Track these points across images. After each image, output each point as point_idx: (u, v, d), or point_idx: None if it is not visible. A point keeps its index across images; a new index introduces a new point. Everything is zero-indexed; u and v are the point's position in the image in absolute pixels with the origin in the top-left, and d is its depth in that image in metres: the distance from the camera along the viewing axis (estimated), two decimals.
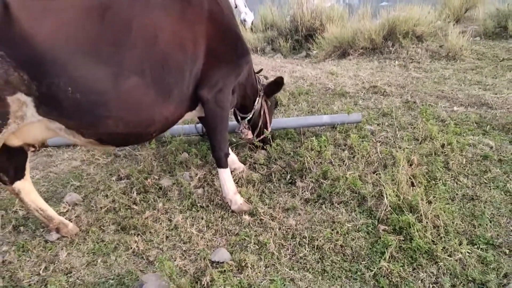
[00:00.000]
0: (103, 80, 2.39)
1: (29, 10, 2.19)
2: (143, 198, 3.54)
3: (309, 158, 3.74)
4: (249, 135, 3.96)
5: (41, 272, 2.78)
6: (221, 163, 3.28)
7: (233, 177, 3.48)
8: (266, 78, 4.08)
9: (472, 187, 3.34)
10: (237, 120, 4.04)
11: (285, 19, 8.70)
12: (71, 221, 3.21)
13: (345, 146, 4.08)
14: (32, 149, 2.82)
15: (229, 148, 3.47)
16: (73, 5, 2.33)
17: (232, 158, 3.78)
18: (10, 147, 2.59)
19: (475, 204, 3.13)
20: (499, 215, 3.01)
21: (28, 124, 2.45)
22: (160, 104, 2.70)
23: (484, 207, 3.08)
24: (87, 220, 3.28)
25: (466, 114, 4.52)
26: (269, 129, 4.05)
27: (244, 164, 3.92)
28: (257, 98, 3.81)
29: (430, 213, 2.91)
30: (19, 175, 2.81)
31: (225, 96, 3.11)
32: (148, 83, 2.57)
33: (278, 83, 3.88)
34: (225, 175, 3.31)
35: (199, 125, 4.35)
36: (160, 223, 3.20)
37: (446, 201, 3.14)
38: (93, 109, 2.43)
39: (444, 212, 2.96)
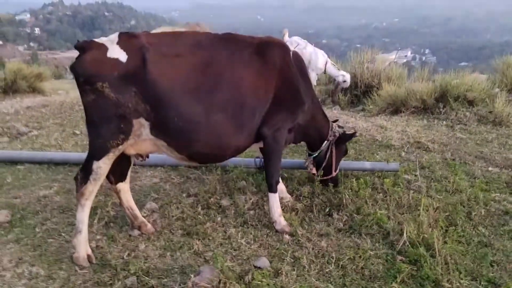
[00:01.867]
0: (199, 114, 3.44)
1: (158, 63, 3.32)
2: (206, 212, 4.35)
3: (347, 196, 4.40)
4: (313, 170, 4.67)
5: (124, 256, 3.62)
6: (272, 188, 4.05)
7: (280, 205, 4.22)
8: (341, 127, 4.67)
9: (488, 236, 3.80)
10: (309, 154, 4.73)
11: None
12: (149, 223, 4.09)
13: (381, 189, 4.67)
14: (140, 158, 3.84)
15: (280, 179, 4.27)
16: (186, 62, 3.46)
17: (281, 188, 4.54)
18: (122, 155, 3.59)
19: (487, 251, 3.58)
20: (507, 262, 3.44)
21: (142, 140, 3.49)
22: (235, 135, 3.67)
23: (494, 254, 3.53)
24: (161, 224, 4.13)
25: (498, 175, 4.94)
26: (334, 172, 4.61)
27: (291, 195, 4.64)
28: (325, 142, 4.50)
29: (444, 251, 3.42)
30: (123, 178, 3.80)
31: (281, 135, 3.94)
32: (229, 118, 3.57)
33: (349, 135, 4.59)
34: (274, 199, 4.07)
35: (258, 159, 5.18)
36: (217, 233, 3.96)
37: (461, 244, 3.63)
38: (190, 134, 3.47)
39: (456, 252, 3.47)
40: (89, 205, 3.52)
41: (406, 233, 3.64)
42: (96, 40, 3.42)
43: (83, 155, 5.58)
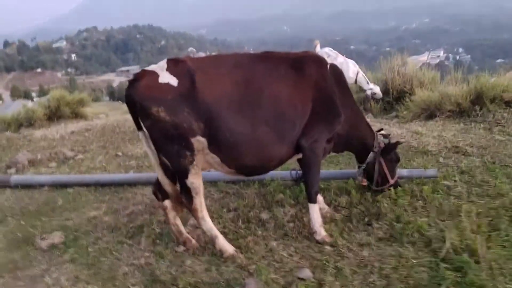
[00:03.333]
0: (246, 128, 3.69)
1: (206, 84, 3.60)
2: (247, 226, 4.47)
3: (385, 204, 4.42)
4: (364, 182, 4.75)
5: (172, 272, 3.79)
6: (311, 198, 4.16)
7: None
8: (386, 136, 4.71)
9: None
10: (358, 166, 4.82)
11: (378, 82, 9.50)
12: (194, 239, 4.26)
13: (420, 197, 4.65)
14: None
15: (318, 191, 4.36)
16: (230, 81, 3.73)
17: (319, 199, 4.61)
18: (168, 173, 3.80)
19: None
20: None
21: (204, 155, 3.76)
22: (278, 146, 3.88)
23: None
24: (205, 239, 4.27)
25: None
26: (392, 181, 4.64)
27: (329, 206, 4.70)
28: (371, 153, 4.58)
29: (488, 257, 3.39)
30: (169, 195, 3.99)
31: (318, 146, 4.07)
32: (271, 130, 3.79)
33: (393, 144, 4.59)
34: (314, 209, 4.16)
35: (294, 172, 5.28)
36: (259, 246, 4.07)
37: (505, 249, 3.58)
38: (239, 147, 3.72)
39: (501, 257, 3.43)
40: (206, 214, 3.91)
41: (449, 240, 3.62)
42: (147, 68, 3.75)
43: (127, 176, 6.00)
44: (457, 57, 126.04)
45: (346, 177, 5.29)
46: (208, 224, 3.91)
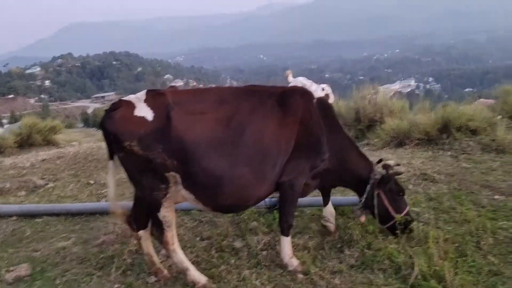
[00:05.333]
0: (223, 168, 3.55)
1: (182, 121, 3.49)
2: (220, 255, 4.43)
3: (357, 231, 4.48)
4: (362, 218, 4.42)
5: None
6: (284, 232, 4.10)
7: (292, 244, 4.31)
8: (388, 166, 4.33)
9: (498, 264, 3.83)
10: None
11: (350, 111, 9.76)
12: (166, 269, 4.19)
13: None
14: None
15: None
16: (210, 118, 3.61)
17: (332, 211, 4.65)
18: (143, 204, 3.76)
19: (497, 279, 3.62)
20: None
21: (179, 190, 3.66)
22: (257, 186, 3.77)
23: (505, 282, 3.57)
24: (177, 269, 4.24)
25: (505, 202, 5.01)
26: (396, 217, 4.22)
27: (301, 233, 4.72)
28: (368, 185, 4.27)
29: (455, 283, 3.48)
30: (144, 225, 3.95)
31: (298, 182, 3.98)
32: (251, 171, 3.66)
33: (390, 175, 4.25)
34: (286, 242, 4.11)
35: (267, 199, 5.31)
36: (232, 275, 4.03)
37: (471, 275, 3.68)
38: (214, 187, 3.59)
39: (467, 283, 3.52)
40: (178, 246, 3.85)
41: (417, 267, 3.70)
42: (125, 98, 3.70)
43: (98, 205, 5.89)
44: (427, 86, 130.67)
45: (319, 204, 5.35)
46: (179, 256, 3.84)
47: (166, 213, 3.68)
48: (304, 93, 4.15)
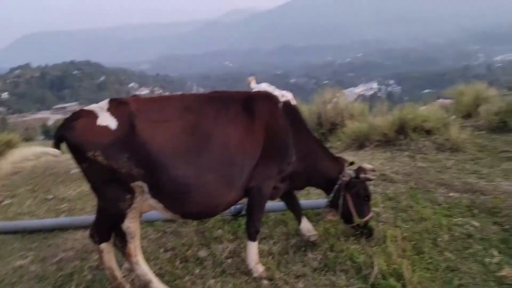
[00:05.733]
0: (190, 175, 3.52)
1: (147, 129, 3.42)
2: (184, 266, 4.39)
3: (320, 233, 4.56)
4: (329, 216, 4.51)
5: None
6: (251, 237, 4.10)
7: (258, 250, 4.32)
8: (361, 170, 4.36)
9: (454, 260, 3.99)
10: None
11: (312, 115, 9.93)
12: (129, 283, 4.10)
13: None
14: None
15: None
16: (175, 126, 3.56)
17: (308, 226, 4.62)
18: (109, 216, 3.68)
19: (454, 275, 3.77)
20: (473, 284, 3.63)
21: (146, 200, 3.59)
22: (226, 192, 3.74)
23: (461, 277, 3.72)
24: (139, 283, 4.16)
25: (459, 199, 5.23)
26: (359, 219, 4.34)
27: (266, 238, 4.74)
28: (336, 186, 4.35)
29: (414, 280, 3.59)
30: (107, 238, 3.82)
31: (265, 187, 3.99)
32: (219, 177, 3.64)
33: (359, 180, 4.32)
34: (252, 248, 4.11)
35: (232, 207, 5.31)
36: (196, 286, 4.00)
37: (429, 271, 3.81)
38: (182, 195, 3.55)
39: (425, 280, 3.65)
40: (141, 258, 3.78)
41: (377, 266, 3.80)
42: (86, 108, 3.56)
43: (57, 221, 5.70)
44: (389, 89, 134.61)
45: (284, 209, 5.40)
46: (143, 268, 3.77)
47: (130, 224, 3.60)
48: (268, 97, 4.18)
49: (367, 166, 4.43)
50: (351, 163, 4.52)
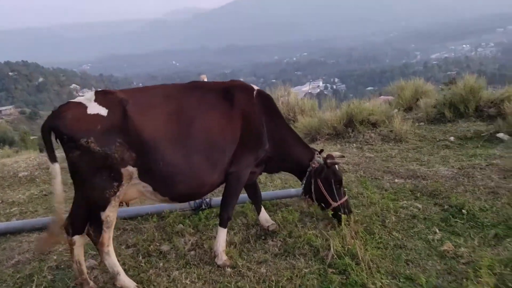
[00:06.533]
0: (179, 157, 3.73)
1: (138, 113, 3.59)
2: (147, 260, 4.43)
3: (279, 222, 4.78)
4: (309, 202, 4.78)
5: None
6: (223, 222, 4.29)
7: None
8: (330, 157, 4.56)
9: (402, 239, 4.37)
10: None
11: None
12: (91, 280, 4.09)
13: (308, 212, 5.14)
14: (124, 204, 4.02)
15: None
16: (162, 111, 3.76)
17: (266, 216, 4.86)
18: (91, 205, 3.68)
19: (402, 251, 4.13)
20: (419, 259, 4.00)
21: (129, 186, 3.69)
22: (210, 173, 3.97)
23: (408, 253, 4.09)
24: (103, 279, 4.15)
25: (404, 185, 5.69)
26: (334, 203, 4.52)
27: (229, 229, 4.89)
28: (307, 172, 4.62)
29: (366, 258, 3.90)
30: (81, 230, 3.81)
31: (243, 174, 4.22)
32: (203, 159, 3.88)
33: (326, 165, 4.53)
34: (222, 233, 4.28)
35: (192, 202, 5.41)
36: (161, 278, 4.07)
37: (380, 250, 4.15)
38: (172, 176, 3.74)
39: (377, 257, 3.97)
40: (112, 250, 3.80)
41: (333, 247, 4.08)
42: (73, 100, 3.65)
43: (9, 224, 5.50)
44: (334, 87, 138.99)
45: (243, 201, 5.58)
46: (112, 259, 3.81)
47: (111, 213, 3.67)
48: (245, 86, 4.43)
49: (336, 154, 4.72)
50: (321, 151, 4.84)
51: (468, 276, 3.55)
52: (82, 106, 3.52)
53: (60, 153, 3.56)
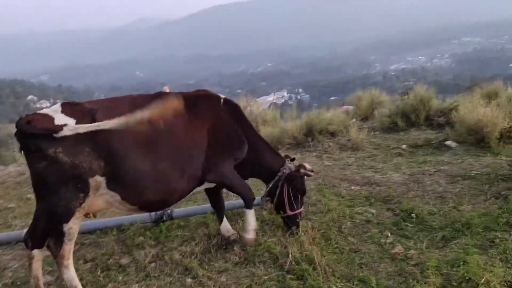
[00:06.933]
0: (148, 165, 3.80)
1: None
2: (106, 274, 4.38)
3: (240, 231, 4.87)
4: (268, 205, 5.01)
5: None
6: (249, 205, 4.58)
7: (179, 252, 4.49)
8: (301, 166, 4.76)
9: (356, 243, 4.55)
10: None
11: None
12: None
13: (268, 220, 5.25)
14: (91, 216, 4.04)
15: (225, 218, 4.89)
16: None
17: (227, 227, 4.92)
18: (54, 218, 3.63)
19: (356, 255, 4.31)
20: (372, 262, 4.19)
21: (96, 198, 3.71)
22: (178, 180, 4.07)
23: (362, 257, 4.28)
24: None
25: (359, 191, 5.93)
26: (289, 211, 4.71)
27: (190, 241, 4.93)
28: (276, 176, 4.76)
29: (323, 263, 4.05)
30: (41, 244, 3.75)
31: (226, 171, 4.40)
32: (172, 166, 3.98)
33: (298, 174, 4.72)
34: (250, 214, 4.60)
35: (153, 213, 5.40)
36: None
37: (336, 254, 4.32)
38: (140, 183, 3.80)
39: (332, 262, 4.13)
40: (71, 263, 3.79)
41: (291, 254, 4.21)
42: (40, 112, 3.67)
43: None
44: (299, 97, 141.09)
45: (204, 212, 5.63)
46: (71, 273, 3.79)
47: (74, 225, 3.66)
48: (210, 95, 4.61)
49: (308, 166, 4.90)
50: (293, 159, 5.08)
51: (416, 277, 3.76)
52: (49, 117, 3.55)
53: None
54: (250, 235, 4.58)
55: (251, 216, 4.63)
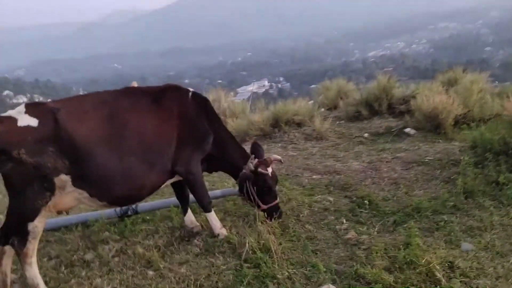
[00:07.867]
0: (114, 160, 3.87)
1: (70, 121, 3.69)
2: (70, 270, 4.46)
3: (203, 223, 5.01)
4: (244, 201, 5.12)
5: None
6: (207, 209, 4.69)
7: (143, 246, 4.60)
8: (261, 163, 4.76)
9: (313, 230, 4.74)
10: None
11: None
12: None
13: (230, 212, 5.40)
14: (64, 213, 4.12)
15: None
16: (94, 116, 3.89)
17: (191, 219, 5.04)
18: (21, 215, 3.70)
19: (312, 242, 4.50)
20: (327, 248, 4.39)
21: (64, 195, 3.78)
22: (148, 174, 4.14)
23: (317, 244, 4.46)
24: None
25: (320, 180, 6.13)
26: (263, 205, 4.79)
27: (153, 234, 5.04)
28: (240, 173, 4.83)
29: (279, 251, 4.22)
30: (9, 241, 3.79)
31: (192, 167, 4.46)
32: (140, 161, 4.04)
33: (255, 170, 4.73)
34: (211, 217, 4.71)
35: (118, 209, 5.48)
36: (83, 287, 4.17)
37: (292, 242, 4.50)
38: (108, 180, 3.87)
39: (288, 249, 4.31)
40: (35, 262, 3.83)
41: (248, 244, 4.37)
42: (3, 114, 3.70)
43: None
44: (279, 86, 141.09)
45: (169, 206, 5.73)
46: (34, 271, 3.84)
47: (39, 224, 3.74)
48: (177, 88, 4.67)
49: (276, 157, 4.98)
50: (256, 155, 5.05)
51: (364, 261, 3.97)
52: (12, 119, 3.60)
53: None
54: (221, 234, 4.71)
55: (213, 218, 4.75)
